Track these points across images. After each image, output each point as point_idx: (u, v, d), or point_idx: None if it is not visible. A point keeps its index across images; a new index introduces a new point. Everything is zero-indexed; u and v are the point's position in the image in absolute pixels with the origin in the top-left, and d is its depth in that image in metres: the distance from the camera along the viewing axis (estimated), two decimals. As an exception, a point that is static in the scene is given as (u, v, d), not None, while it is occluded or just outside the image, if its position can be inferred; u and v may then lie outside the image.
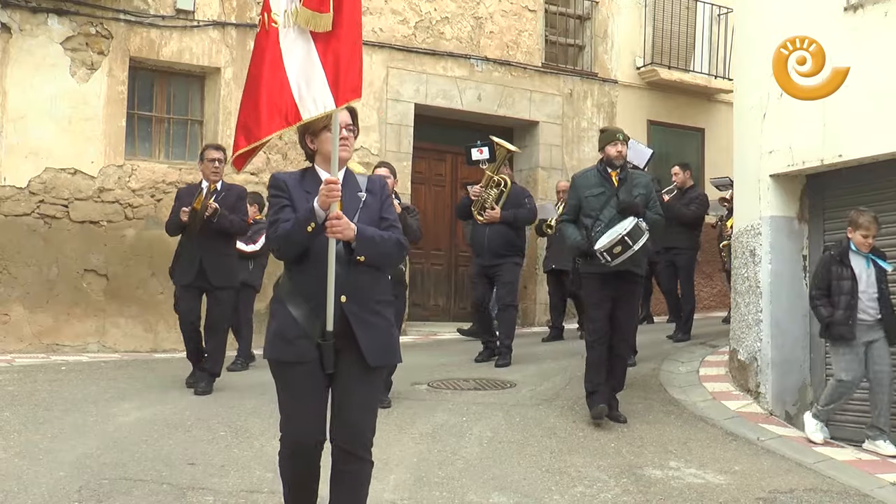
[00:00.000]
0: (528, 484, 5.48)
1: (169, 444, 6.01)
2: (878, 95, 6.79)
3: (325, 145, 3.92)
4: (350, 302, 3.77)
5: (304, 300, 3.77)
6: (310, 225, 3.67)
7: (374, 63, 11.93)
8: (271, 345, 3.86)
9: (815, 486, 5.71)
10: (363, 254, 3.78)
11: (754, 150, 7.97)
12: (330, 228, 3.67)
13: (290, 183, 3.91)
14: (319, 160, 3.98)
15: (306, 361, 3.75)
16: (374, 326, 3.83)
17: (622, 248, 6.64)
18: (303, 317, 3.75)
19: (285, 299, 3.82)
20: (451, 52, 12.60)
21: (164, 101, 11.04)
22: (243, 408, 7.04)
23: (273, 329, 3.85)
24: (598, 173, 7.14)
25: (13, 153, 9.77)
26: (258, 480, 5.34)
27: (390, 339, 3.96)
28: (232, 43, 11.00)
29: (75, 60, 10.10)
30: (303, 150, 4.08)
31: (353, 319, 3.77)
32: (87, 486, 5.09)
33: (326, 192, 3.66)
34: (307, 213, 3.71)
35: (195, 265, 7.58)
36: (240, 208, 7.88)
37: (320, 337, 3.73)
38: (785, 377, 7.67)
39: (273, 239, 3.81)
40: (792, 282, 7.81)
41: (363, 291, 3.83)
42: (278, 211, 3.85)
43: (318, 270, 3.75)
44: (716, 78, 14.57)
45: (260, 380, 8.16)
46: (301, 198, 3.83)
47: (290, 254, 3.81)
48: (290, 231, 3.73)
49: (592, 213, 6.97)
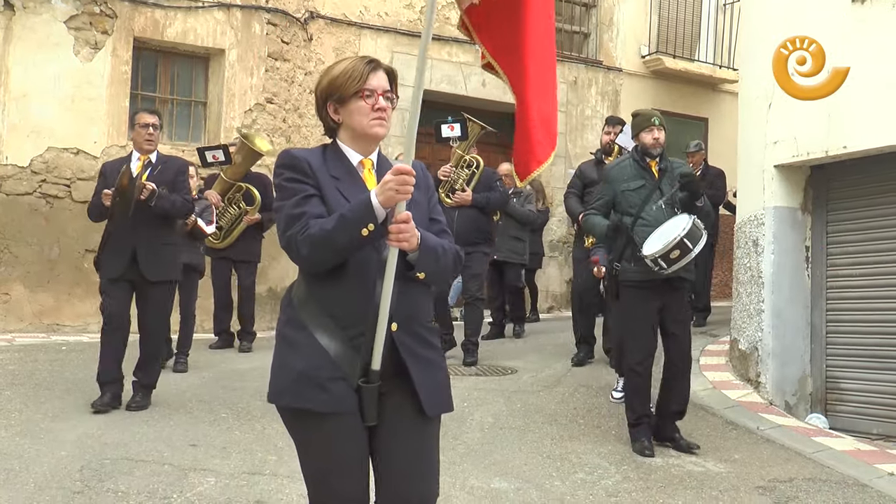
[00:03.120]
0: (528, 470, 5.49)
1: (170, 425, 6.03)
2: (884, 87, 6.77)
3: (356, 118, 2.88)
4: (402, 331, 2.81)
5: (339, 327, 2.76)
6: (366, 226, 2.67)
7: (379, 48, 11.90)
8: (290, 389, 2.79)
9: (815, 475, 5.72)
10: (424, 269, 2.81)
11: (759, 140, 7.96)
12: (395, 234, 2.68)
13: (315, 164, 2.86)
14: (346, 137, 2.94)
15: (343, 412, 2.75)
16: (429, 363, 2.88)
17: (681, 252, 5.72)
18: (338, 350, 2.75)
19: (310, 325, 2.78)
20: (457, 37, 12.55)
21: (167, 81, 11.02)
22: (245, 390, 7.06)
23: (292, 366, 2.79)
24: (635, 163, 6.22)
25: (15, 132, 9.75)
26: (260, 462, 5.35)
27: (447, 379, 2.97)
28: (237, 25, 10.96)
29: (79, 39, 10.07)
30: (322, 122, 2.99)
31: (405, 353, 2.81)
32: (88, 465, 5.11)
33: (397, 185, 2.65)
34: (362, 209, 2.69)
35: (126, 255, 6.37)
36: (181, 185, 6.66)
37: (362, 378, 2.76)
38: (785, 367, 7.68)
39: (302, 241, 2.72)
40: (794, 272, 7.81)
41: (415, 316, 2.88)
42: (302, 201, 2.79)
43: (360, 287, 2.77)
44: (720, 68, 14.55)
45: (262, 361, 8.20)
46: (329, 186, 2.84)
47: (326, 263, 2.76)
48: (332, 232, 2.68)
49: (632, 211, 6.06)
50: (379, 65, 2.92)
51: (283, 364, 2.83)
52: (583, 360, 8.46)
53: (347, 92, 2.86)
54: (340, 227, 2.69)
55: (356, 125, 2.90)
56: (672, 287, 6.02)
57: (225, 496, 4.77)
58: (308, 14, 11.47)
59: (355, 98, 2.86)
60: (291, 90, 11.32)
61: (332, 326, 2.76)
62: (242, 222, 8.92)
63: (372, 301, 2.74)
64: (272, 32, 11.16)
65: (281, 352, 2.86)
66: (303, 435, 2.87)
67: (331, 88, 2.90)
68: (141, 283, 6.44)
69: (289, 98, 11.30)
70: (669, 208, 6.03)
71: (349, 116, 2.90)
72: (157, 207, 6.34)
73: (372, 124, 2.88)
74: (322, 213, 2.78)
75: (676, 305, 6.09)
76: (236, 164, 8.86)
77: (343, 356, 2.75)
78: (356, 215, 2.69)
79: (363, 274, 2.78)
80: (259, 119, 10.96)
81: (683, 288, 6.19)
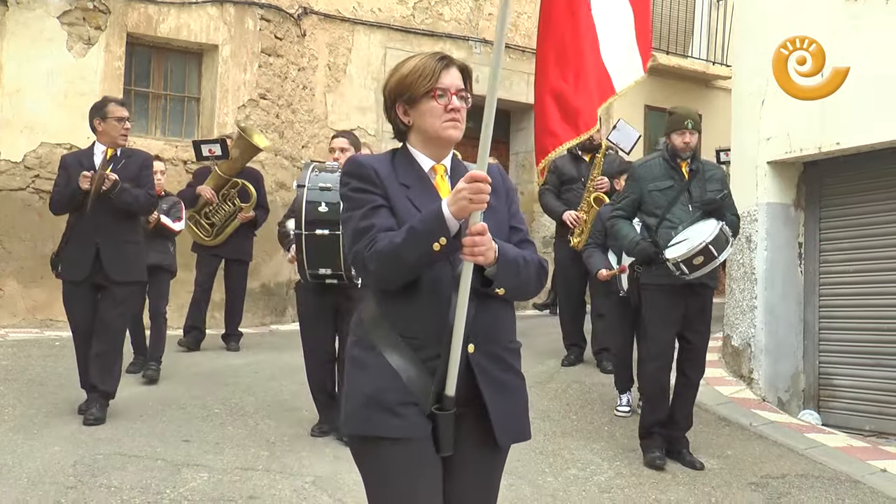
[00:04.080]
0: (521, 466, 5.50)
1: (163, 421, 6.02)
2: (877, 84, 6.78)
3: (427, 119, 2.65)
4: (479, 352, 2.57)
5: (411, 349, 2.55)
6: (439, 240, 2.41)
7: (372, 43, 11.90)
8: (358, 414, 2.57)
9: (807, 471, 5.74)
10: (504, 284, 2.56)
11: (752, 136, 7.97)
12: (470, 248, 2.43)
13: (383, 172, 2.64)
14: (417, 140, 2.71)
15: (416, 438, 2.53)
16: (508, 388, 2.64)
17: (705, 258, 5.49)
18: (411, 373, 2.53)
19: (381, 345, 2.57)
20: (450, 33, 12.56)
21: (160, 77, 10.98)
22: (238, 386, 7.05)
23: (360, 389, 2.58)
24: (665, 163, 5.89)
25: (8, 127, 9.71)
26: (253, 458, 5.35)
27: (526, 405, 2.73)
28: (230, 20, 10.93)
29: (72, 35, 10.03)
30: (391, 124, 2.77)
31: (481, 378, 2.57)
32: (81, 460, 5.11)
33: (472, 194, 2.38)
34: (432, 221, 2.43)
35: (90, 254, 5.97)
36: (145, 179, 6.23)
37: (435, 404, 2.53)
38: (778, 363, 7.70)
39: (369, 256, 2.51)
40: (787, 269, 7.83)
41: (494, 337, 2.64)
42: (370, 213, 2.57)
43: (433, 305, 2.54)
44: (714, 64, 14.57)
45: (255, 357, 8.21)
46: (399, 195, 2.61)
47: (397, 280, 2.53)
48: (401, 247, 2.45)
49: (658, 212, 5.79)
50: (452, 61, 2.69)
51: (352, 388, 2.62)
52: (574, 363, 8.37)
53: (418, 91, 2.63)
54: (410, 241, 2.44)
55: (428, 127, 2.66)
56: (694, 293, 5.76)
57: (218, 491, 4.77)
58: (301, 10, 11.44)
59: (426, 98, 2.63)
60: (285, 86, 11.30)
61: (405, 347, 2.54)
62: (236, 220, 8.70)
63: (447, 320, 2.49)
64: (265, 28, 11.13)
65: (350, 375, 2.65)
66: (371, 465, 2.60)
67: (400, 88, 2.67)
68: (105, 284, 6.00)
69: (282, 94, 11.28)
70: (697, 211, 5.76)
71: (420, 118, 2.66)
72: (118, 201, 5.92)
73: (445, 126, 2.63)
74: (391, 225, 2.54)
75: (697, 313, 5.83)
76: (233, 158, 8.72)
77: (416, 380, 2.52)
78: (426, 228, 2.43)
79: (437, 291, 2.54)
80: (252, 115, 10.94)
81: (706, 295, 5.88)
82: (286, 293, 10.92)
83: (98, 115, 6.11)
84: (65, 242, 6.18)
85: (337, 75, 11.84)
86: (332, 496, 4.82)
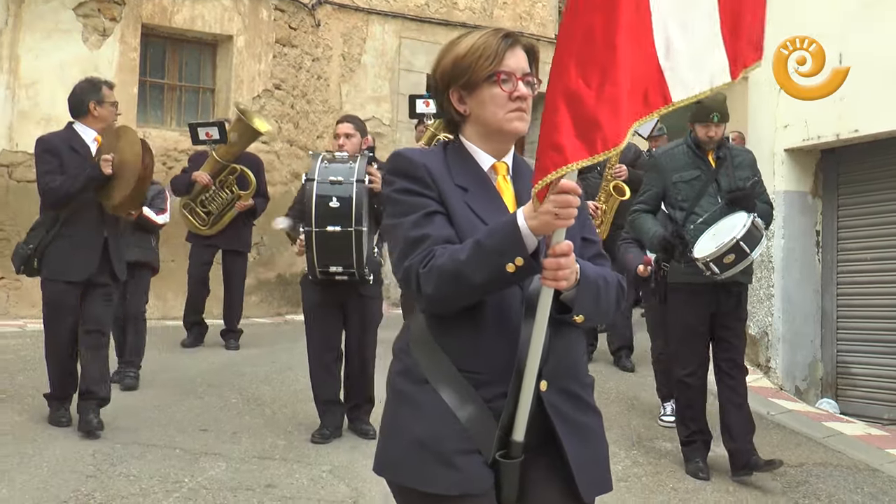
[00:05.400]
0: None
1: (181, 411, 6.05)
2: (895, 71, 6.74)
3: (489, 109, 2.22)
4: (552, 390, 2.16)
5: (472, 385, 2.12)
6: (514, 260, 1.98)
7: (387, 33, 11.89)
8: (407, 463, 2.15)
9: (825, 460, 5.73)
10: (584, 310, 2.14)
11: (769, 123, 7.93)
12: (553, 271, 2.00)
13: (436, 170, 2.21)
14: (474, 133, 2.28)
15: (476, 494, 2.10)
16: (587, 431, 2.24)
17: (736, 256, 5.01)
18: (471, 415, 2.11)
19: (434, 380, 2.15)
20: (464, 22, 12.51)
21: (175, 68, 11.00)
22: (255, 375, 7.07)
23: (411, 432, 2.15)
24: (690, 151, 5.49)
25: (25, 119, 9.75)
26: (270, 447, 5.37)
27: (607, 451, 2.33)
28: (244, 11, 10.93)
29: (87, 27, 10.05)
30: (443, 113, 2.39)
31: (557, 420, 2.16)
32: (100, 450, 5.14)
33: (559, 208, 1.95)
34: (506, 236, 2.00)
35: (98, 251, 5.42)
36: None
37: (500, 451, 2.12)
38: (795, 352, 7.68)
39: (426, 274, 2.07)
40: (804, 257, 7.80)
41: (569, 371, 2.23)
42: (423, 221, 2.14)
43: (499, 335, 2.13)
44: (730, 52, 14.47)
45: (271, 347, 8.23)
46: (455, 199, 2.19)
47: (458, 304, 2.11)
48: (466, 266, 2.02)
49: (684, 205, 5.36)
50: (517, 40, 2.26)
51: (398, 427, 2.20)
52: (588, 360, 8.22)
53: (478, 75, 2.21)
54: (477, 259, 2.01)
55: (489, 118, 2.23)
56: (726, 291, 5.32)
57: (235, 480, 4.79)
58: (315, 0, 11.44)
59: (488, 83, 2.21)
60: (299, 76, 11.30)
61: (463, 383, 2.12)
62: (234, 208, 8.14)
63: (515, 352, 2.09)
64: (280, 18, 11.13)
65: (394, 410, 2.23)
66: None
67: (455, 70, 2.24)
68: (104, 281, 5.48)
69: (297, 84, 11.28)
70: (727, 202, 5.31)
71: (480, 107, 2.23)
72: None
73: (509, 117, 2.21)
74: (450, 235, 2.13)
75: (729, 310, 5.39)
76: (231, 142, 8.12)
77: (477, 422, 2.10)
78: (498, 244, 2.00)
79: (504, 318, 2.13)
80: (267, 105, 10.95)
81: (739, 292, 5.46)
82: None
83: (94, 98, 5.61)
84: (51, 237, 5.48)
85: (351, 65, 11.84)
86: (349, 485, 4.83)
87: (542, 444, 2.16)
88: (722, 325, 5.39)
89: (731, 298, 5.37)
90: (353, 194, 5.30)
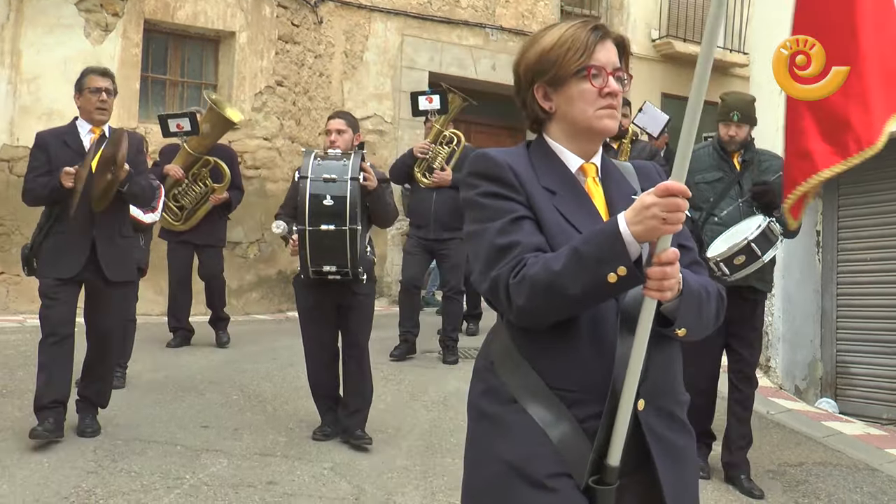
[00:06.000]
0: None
1: (182, 407, 6.05)
2: None
3: (578, 106, 2.08)
4: (649, 409, 2.01)
5: (564, 404, 1.96)
6: (616, 269, 1.83)
7: (389, 30, 11.90)
8: (495, 488, 2.01)
9: (825, 459, 5.74)
10: (686, 324, 1.99)
11: (771, 124, 7.90)
12: (659, 281, 1.86)
13: (522, 172, 2.06)
14: (560, 132, 2.14)
15: None
16: (683, 455, 2.07)
17: (746, 258, 4.87)
18: (564, 436, 1.95)
19: (524, 398, 1.99)
20: (467, 20, 12.54)
21: (178, 64, 11.01)
22: (256, 372, 7.08)
23: (499, 456, 2.01)
24: (715, 152, 5.41)
25: (27, 114, 9.76)
26: (272, 444, 5.38)
27: (698, 475, 2.25)
28: (247, 7, 10.93)
29: (90, 22, 10.06)
30: (525, 110, 2.20)
31: (654, 443, 2.00)
32: (101, 446, 5.14)
33: (667, 212, 1.80)
34: (607, 243, 1.85)
35: (84, 250, 5.24)
36: (141, 165, 5.51)
37: (593, 475, 1.96)
38: (795, 352, 7.69)
39: (516, 285, 1.92)
40: (805, 257, 7.81)
41: (667, 389, 2.08)
42: (511, 227, 1.99)
43: (594, 350, 1.97)
44: (731, 52, 14.48)
45: (272, 344, 8.24)
46: (544, 203, 2.04)
47: (552, 317, 1.95)
48: (563, 276, 1.86)
49: (703, 206, 5.28)
50: (608, 32, 2.12)
51: (484, 451, 2.05)
52: None
53: (566, 70, 2.06)
54: (575, 268, 1.85)
55: (577, 116, 2.09)
56: (741, 297, 5.09)
57: (237, 477, 4.80)
58: (318, -3, 11.46)
59: (577, 78, 2.06)
60: (301, 73, 11.31)
61: (555, 402, 1.96)
62: (208, 202, 7.91)
63: (611, 368, 1.95)
64: (282, 15, 11.14)
65: (479, 434, 2.07)
66: None
67: (541, 64, 2.10)
68: (97, 284, 5.32)
69: (299, 81, 11.29)
70: (748, 206, 5.20)
71: (567, 104, 2.09)
72: (128, 193, 5.25)
73: (600, 115, 2.07)
74: (540, 242, 1.98)
75: (742, 320, 5.19)
76: (203, 134, 7.84)
77: (570, 443, 1.95)
78: (598, 252, 1.84)
79: (599, 332, 1.98)
80: (269, 102, 10.96)
81: (756, 300, 5.30)
82: (302, 280, 10.96)
83: (76, 88, 5.37)
84: (43, 235, 5.38)
85: (353, 63, 11.85)
86: (350, 482, 4.84)
87: (637, 467, 2.01)
88: (734, 335, 5.26)
89: (746, 305, 5.21)
90: (348, 192, 5.22)
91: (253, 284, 10.74)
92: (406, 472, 5.05)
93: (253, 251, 10.76)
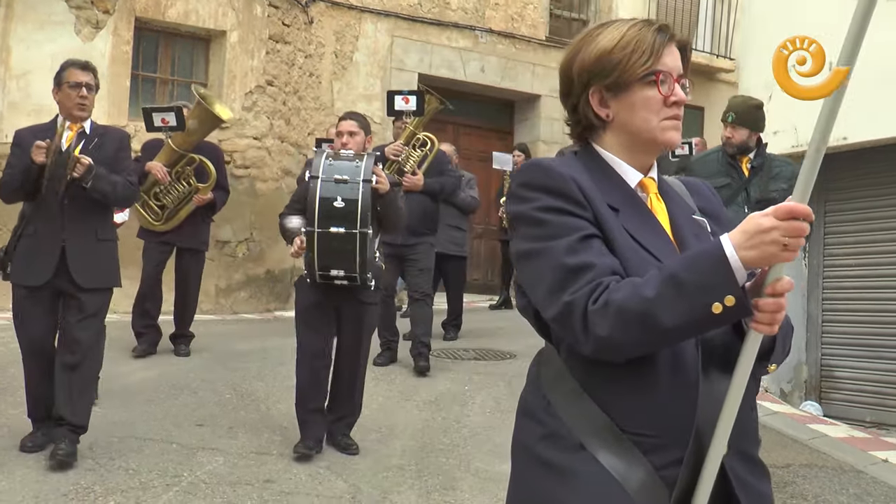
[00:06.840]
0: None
1: (176, 405, 6.08)
2: (884, 80, 6.84)
3: (640, 114, 1.86)
4: (732, 454, 1.75)
5: (639, 451, 1.73)
6: (723, 299, 1.58)
7: (379, 31, 11.95)
8: None
9: (811, 461, 5.82)
10: (779, 358, 1.87)
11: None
12: (769, 314, 1.64)
13: (588, 187, 1.81)
14: (615, 142, 1.91)
15: None
16: (763, 500, 1.84)
17: None
18: (641, 485, 1.71)
19: (592, 444, 1.75)
20: (456, 22, 12.60)
21: (168, 62, 11.01)
22: (247, 371, 7.10)
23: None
24: (723, 157, 5.35)
25: (16, 110, 9.73)
26: (267, 442, 5.42)
27: None
28: (238, 6, 10.94)
29: (80, 18, 10.04)
30: (575, 117, 1.95)
31: (741, 491, 1.77)
32: (97, 443, 5.16)
33: (789, 236, 1.60)
34: (711, 268, 1.61)
35: (53, 256, 4.90)
36: (123, 163, 5.19)
37: None
38: (781, 355, 7.79)
39: (599, 313, 1.67)
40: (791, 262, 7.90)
41: (748, 430, 1.84)
42: (580, 247, 1.75)
43: (676, 390, 1.73)
44: (717, 57, 14.61)
45: (262, 343, 8.26)
46: (612, 222, 1.80)
47: (639, 351, 1.70)
48: (657, 305, 1.62)
49: None
50: (673, 34, 1.90)
51: (522, 495, 1.85)
52: None
53: (631, 75, 1.84)
54: (673, 296, 1.61)
55: (640, 126, 1.87)
56: None
57: (234, 475, 4.84)
58: (309, -3, 11.50)
59: (641, 84, 1.84)
60: (292, 73, 11.34)
61: (629, 448, 1.72)
62: (192, 202, 7.48)
63: (693, 409, 1.72)
64: (273, 15, 11.16)
65: (540, 486, 1.81)
66: None
67: (600, 67, 1.85)
68: (71, 291, 4.95)
69: (289, 80, 11.31)
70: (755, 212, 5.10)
71: (628, 112, 1.86)
72: (92, 190, 4.89)
73: (665, 126, 1.86)
74: (615, 265, 1.74)
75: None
76: (190, 130, 7.42)
77: (647, 494, 1.70)
78: (702, 279, 1.60)
79: (679, 366, 1.74)
80: (259, 101, 10.97)
81: None
82: (290, 280, 10.97)
83: (55, 81, 5.10)
84: (17, 238, 5.03)
85: (343, 63, 11.90)
86: (346, 481, 4.89)
87: None
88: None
89: None
90: (360, 195, 5.08)
91: (241, 283, 10.75)
92: (401, 472, 5.10)
93: (241, 250, 10.77)
